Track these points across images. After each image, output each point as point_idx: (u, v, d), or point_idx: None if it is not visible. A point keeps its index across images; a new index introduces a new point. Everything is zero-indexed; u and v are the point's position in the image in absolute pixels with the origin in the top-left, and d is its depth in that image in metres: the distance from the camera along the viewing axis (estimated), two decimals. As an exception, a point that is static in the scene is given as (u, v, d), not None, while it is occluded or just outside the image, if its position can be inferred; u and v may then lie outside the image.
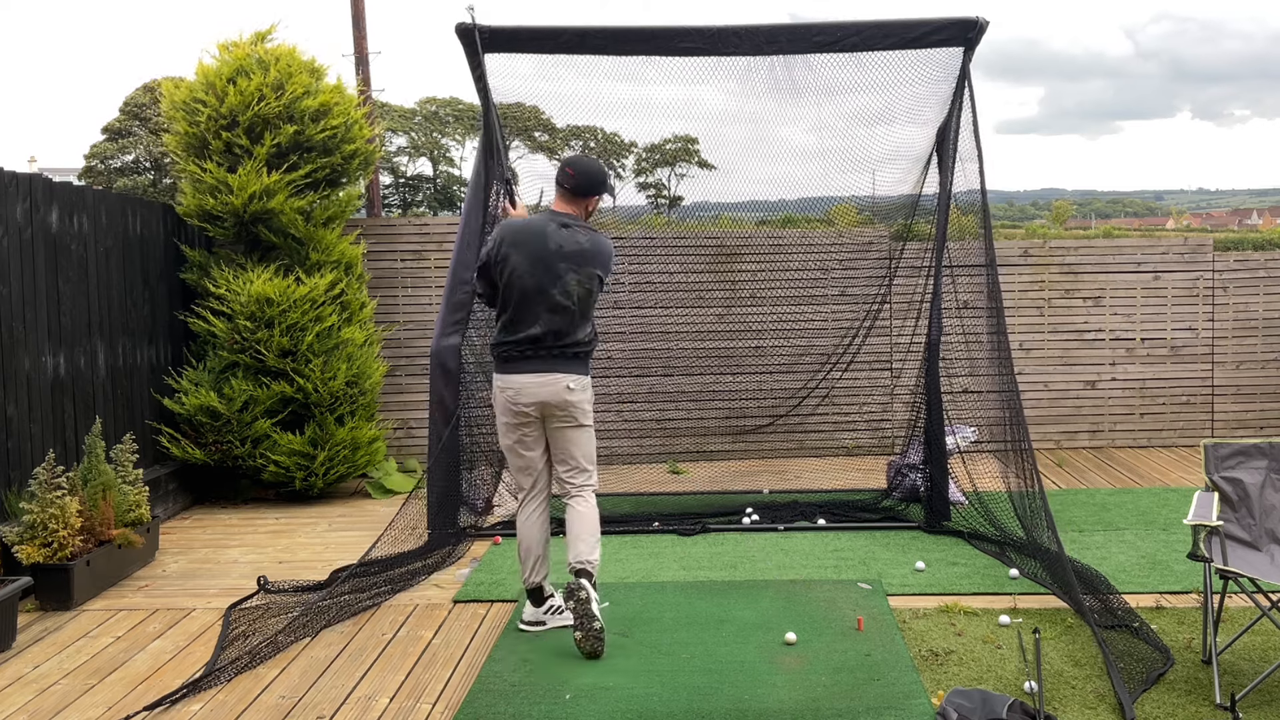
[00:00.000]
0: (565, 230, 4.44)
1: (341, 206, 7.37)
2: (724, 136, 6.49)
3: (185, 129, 6.94)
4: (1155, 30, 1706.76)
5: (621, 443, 8.11)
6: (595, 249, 4.47)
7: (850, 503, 6.57)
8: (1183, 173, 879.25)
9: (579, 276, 4.41)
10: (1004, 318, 5.90)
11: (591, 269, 4.44)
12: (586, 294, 4.45)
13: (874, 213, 7.78)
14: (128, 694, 4.02)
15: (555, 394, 4.41)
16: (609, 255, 4.54)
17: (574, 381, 4.44)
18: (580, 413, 4.48)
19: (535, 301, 4.38)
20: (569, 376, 4.43)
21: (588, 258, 4.44)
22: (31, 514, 4.94)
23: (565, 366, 4.43)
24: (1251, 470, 4.25)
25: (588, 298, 4.46)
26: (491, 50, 5.89)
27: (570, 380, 4.43)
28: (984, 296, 6.06)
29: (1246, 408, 8.56)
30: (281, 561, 5.77)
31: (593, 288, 4.46)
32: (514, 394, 4.43)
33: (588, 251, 4.44)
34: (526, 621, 4.57)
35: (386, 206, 47.10)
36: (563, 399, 4.42)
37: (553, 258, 4.39)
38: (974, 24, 5.73)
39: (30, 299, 5.46)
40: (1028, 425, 5.75)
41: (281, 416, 6.92)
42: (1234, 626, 4.27)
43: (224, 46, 7.11)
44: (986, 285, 5.97)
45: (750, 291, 8.18)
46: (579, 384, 4.46)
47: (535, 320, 4.38)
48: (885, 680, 3.94)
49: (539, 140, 38.89)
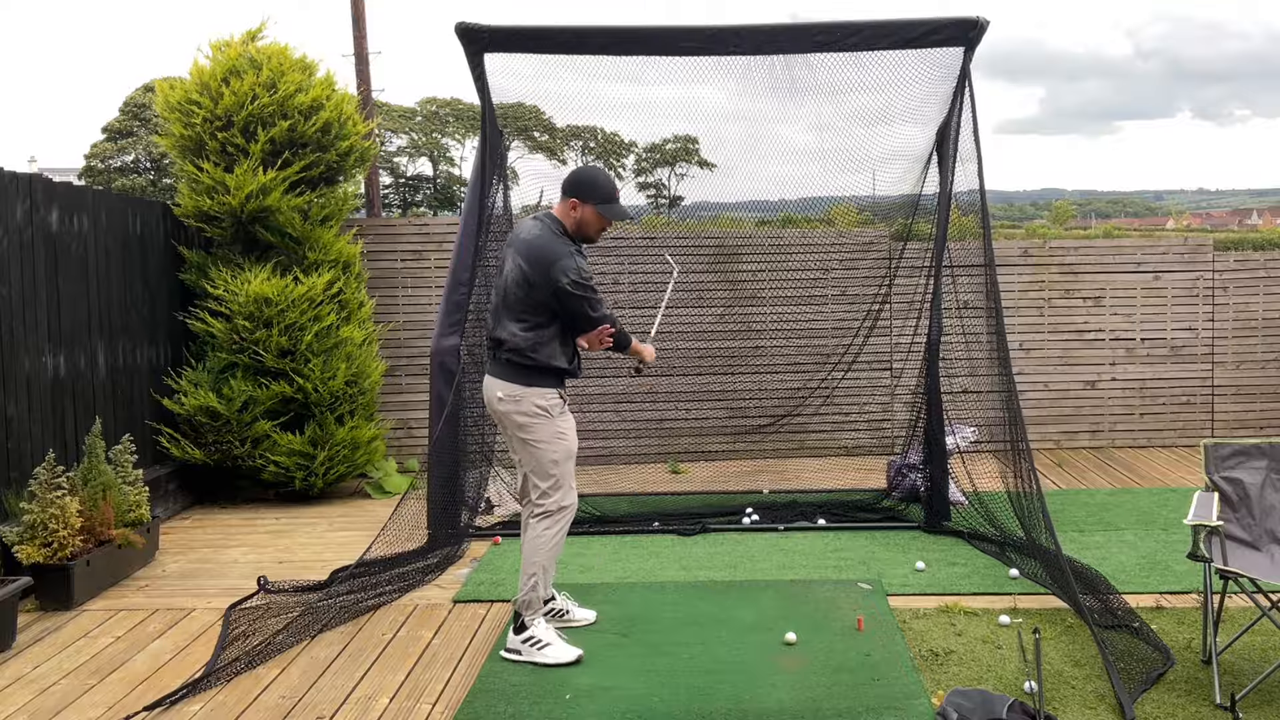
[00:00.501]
0: (533, 221, 4.29)
1: (339, 205, 7.36)
2: (724, 136, 6.49)
3: (181, 131, 6.94)
4: (1154, 30, 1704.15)
5: (621, 443, 8.11)
6: (537, 244, 4.15)
7: (850, 503, 6.57)
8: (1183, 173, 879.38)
9: (511, 264, 4.19)
10: (1003, 318, 5.89)
11: (521, 260, 4.15)
12: (513, 286, 4.15)
13: (874, 213, 7.78)
14: (128, 694, 4.02)
15: (490, 401, 4.28)
16: (548, 259, 4.10)
17: (503, 390, 4.20)
18: (514, 425, 4.22)
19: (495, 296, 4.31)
20: (499, 384, 4.21)
21: (529, 249, 4.15)
22: (31, 514, 4.94)
23: (498, 373, 4.23)
24: (1251, 470, 4.25)
25: (514, 291, 4.15)
26: (492, 50, 5.89)
27: (500, 389, 4.21)
28: (983, 296, 6.06)
29: (1246, 408, 8.56)
30: (281, 561, 5.77)
31: (518, 280, 4.14)
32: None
33: (530, 244, 4.16)
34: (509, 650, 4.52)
35: (386, 206, 47.10)
36: (494, 408, 4.26)
37: (511, 246, 4.26)
38: (974, 24, 5.72)
39: (30, 299, 5.46)
40: (1025, 426, 5.74)
41: (281, 416, 6.92)
42: (1234, 626, 4.27)
43: (216, 46, 7.11)
44: (985, 285, 5.97)
45: (750, 291, 8.18)
46: (509, 394, 4.19)
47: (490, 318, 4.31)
48: (885, 680, 3.94)
49: (539, 140, 38.88)
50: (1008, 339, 5.90)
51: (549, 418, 4.23)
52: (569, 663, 4.16)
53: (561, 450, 4.26)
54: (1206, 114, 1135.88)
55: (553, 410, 4.23)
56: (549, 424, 4.23)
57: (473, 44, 5.86)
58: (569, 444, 4.30)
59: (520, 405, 4.19)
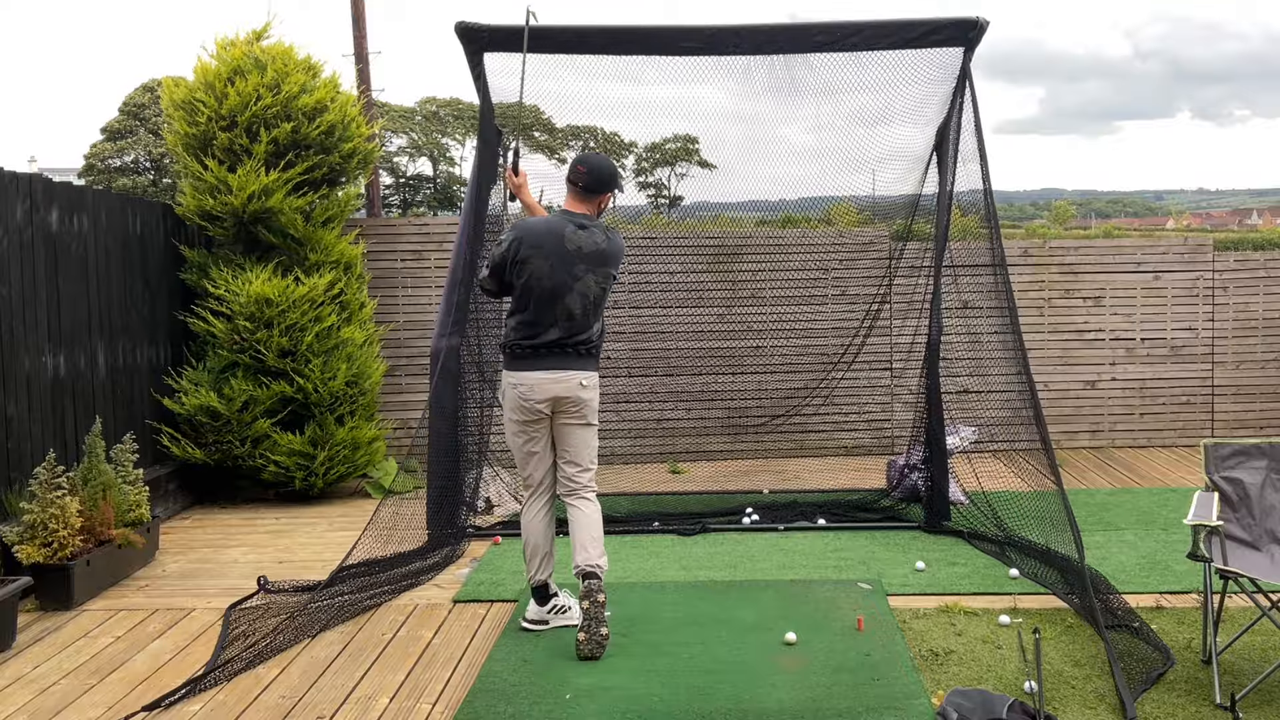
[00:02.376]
0: (583, 231, 4.42)
1: (341, 206, 7.37)
2: (724, 136, 6.50)
3: (185, 129, 6.94)
4: (1153, 31, 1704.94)
5: (621, 443, 8.11)
6: (612, 249, 4.50)
7: (850, 503, 6.56)
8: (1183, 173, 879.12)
9: (596, 277, 4.43)
10: (1017, 317, 5.83)
11: (608, 269, 4.48)
12: (602, 293, 4.49)
13: (874, 212, 7.78)
14: (128, 694, 4.02)
15: (569, 389, 4.42)
16: (622, 253, 4.59)
17: (587, 378, 4.47)
18: (590, 410, 4.50)
19: (554, 303, 4.38)
20: (582, 373, 4.45)
21: (605, 258, 4.46)
22: (31, 514, 4.94)
23: (579, 364, 4.46)
24: (1251, 470, 4.25)
25: (603, 297, 4.51)
26: (491, 50, 5.89)
27: (584, 377, 4.45)
28: (993, 296, 6.01)
29: (1246, 408, 8.56)
30: (281, 561, 5.77)
31: (608, 286, 4.51)
32: (526, 390, 4.41)
33: (605, 252, 4.46)
34: (529, 620, 4.56)
35: (386, 206, 47.09)
36: (576, 395, 4.44)
37: (571, 259, 4.38)
38: (974, 24, 5.72)
39: (30, 299, 5.46)
40: (1026, 425, 5.72)
41: (281, 416, 6.92)
42: (1234, 626, 4.27)
43: (221, 45, 7.11)
44: (996, 285, 5.92)
45: (750, 291, 8.19)
46: (591, 381, 4.49)
47: (554, 321, 4.39)
48: (885, 680, 3.94)
49: (539, 140, 38.87)
50: (1006, 339, 5.88)
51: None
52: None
53: None
54: (1206, 114, 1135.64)
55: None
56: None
57: (472, 43, 5.86)
58: None
59: (597, 390, 4.54)
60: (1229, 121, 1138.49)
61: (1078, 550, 4.80)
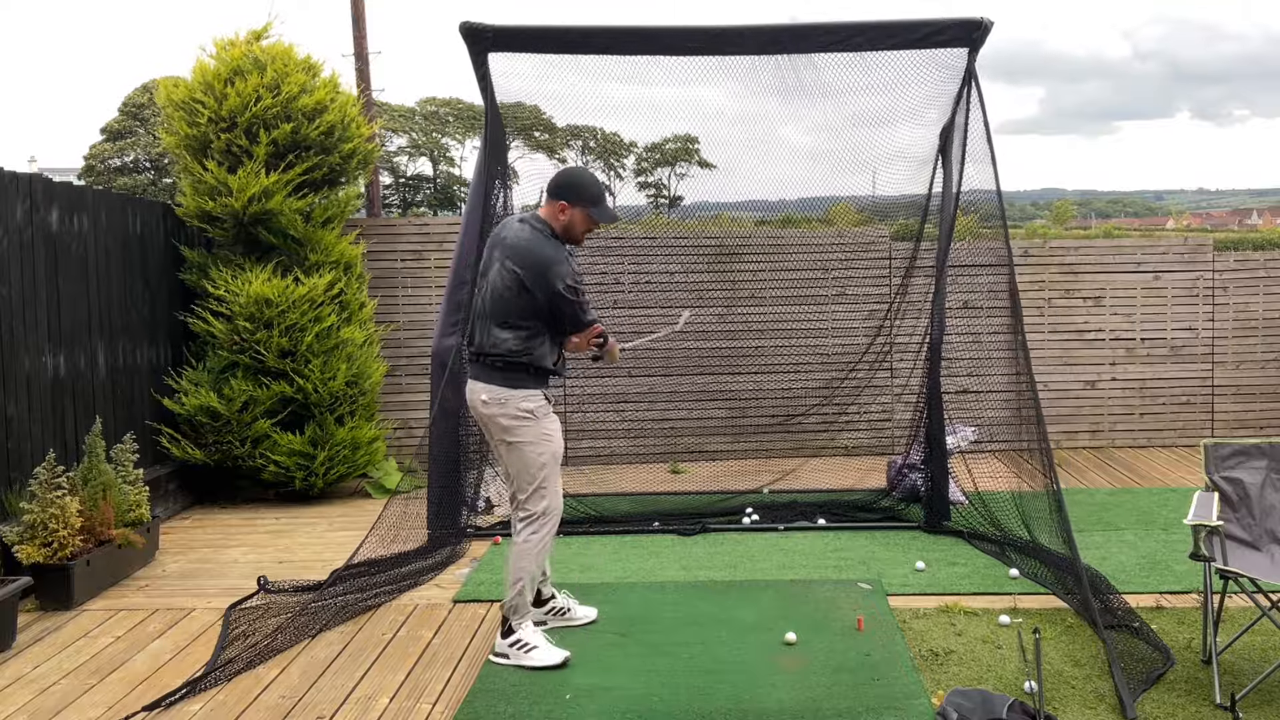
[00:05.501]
0: (519, 224, 4.20)
1: (341, 207, 7.37)
2: (725, 136, 6.49)
3: (185, 130, 6.94)
4: (1151, 32, 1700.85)
5: (621, 443, 8.11)
6: (528, 248, 4.07)
7: (850, 502, 6.57)
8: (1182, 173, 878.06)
9: (499, 272, 4.10)
10: (1021, 318, 5.83)
11: (513, 265, 4.05)
12: (503, 290, 4.07)
13: (875, 213, 7.78)
14: (128, 694, 4.02)
15: (473, 404, 4.22)
16: (544, 264, 4.04)
17: (488, 394, 4.13)
18: (499, 429, 4.15)
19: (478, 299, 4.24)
20: (483, 387, 4.15)
21: (517, 252, 4.07)
22: (32, 514, 4.94)
23: (483, 376, 4.16)
24: (1251, 470, 4.25)
25: (504, 295, 4.07)
26: (495, 50, 5.89)
27: (484, 392, 4.14)
28: (1000, 296, 6.01)
29: (1246, 408, 8.56)
30: (281, 561, 5.76)
31: (509, 288, 4.06)
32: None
33: (519, 247, 4.08)
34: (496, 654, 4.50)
35: (386, 206, 47.08)
36: (478, 410, 4.19)
37: (496, 250, 4.17)
38: (978, 24, 5.71)
39: (30, 299, 5.46)
40: (1027, 425, 5.73)
41: (281, 417, 6.92)
42: (1234, 626, 4.27)
43: (221, 45, 7.11)
44: (1004, 285, 5.92)
45: (750, 291, 8.19)
46: (495, 397, 4.12)
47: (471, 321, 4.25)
48: (885, 680, 3.94)
49: (539, 140, 38.89)
50: (1005, 339, 5.88)
51: (534, 420, 4.15)
52: (555, 665, 4.12)
53: (547, 453, 4.18)
54: (1205, 114, 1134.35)
55: (538, 412, 4.16)
56: (534, 426, 4.15)
57: (476, 43, 5.86)
58: (555, 446, 4.21)
59: (505, 408, 4.12)
60: (1228, 121, 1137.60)
61: (1071, 549, 4.81)
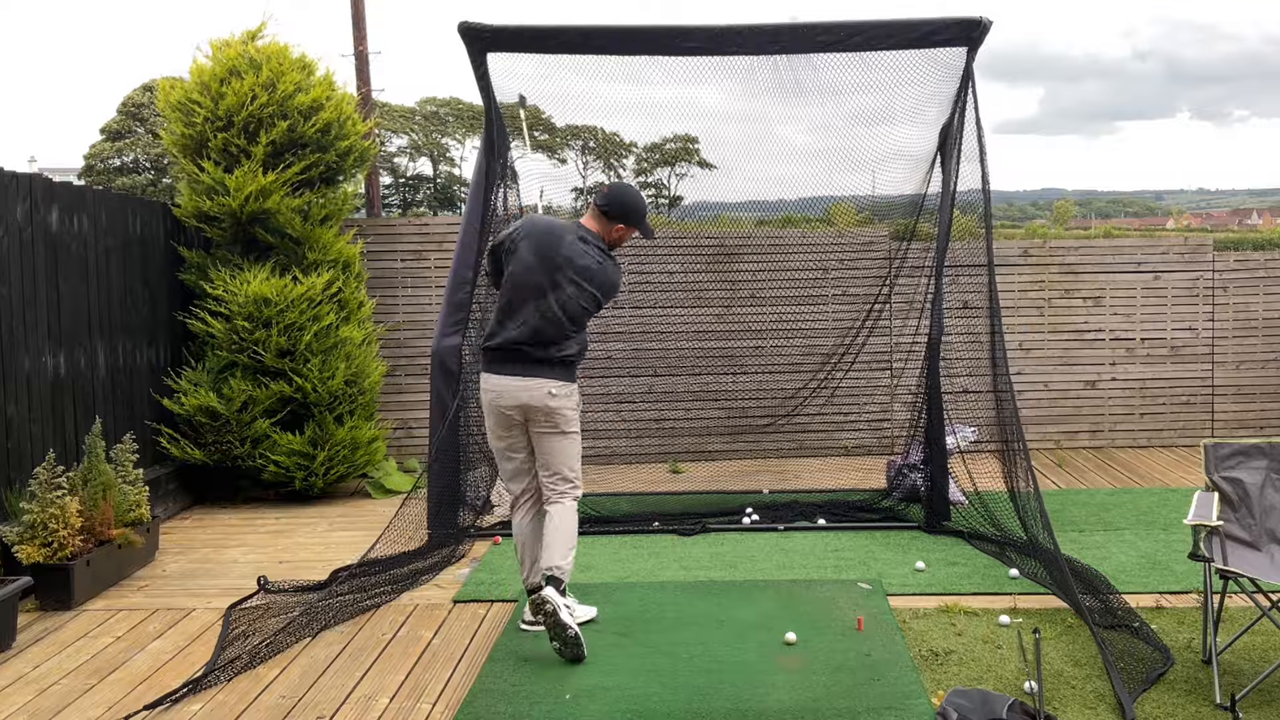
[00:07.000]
0: (582, 244, 4.40)
1: (338, 205, 7.36)
2: (724, 136, 6.50)
3: (182, 130, 6.94)
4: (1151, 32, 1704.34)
5: (621, 443, 8.11)
6: (603, 274, 4.42)
7: (850, 503, 6.57)
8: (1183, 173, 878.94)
9: (577, 291, 4.35)
10: (1000, 318, 5.88)
11: (592, 290, 4.39)
12: (580, 312, 4.39)
13: (874, 212, 7.78)
14: (128, 694, 4.02)
15: (537, 398, 4.35)
16: (613, 285, 4.48)
17: (556, 387, 4.36)
18: (563, 419, 4.40)
19: (529, 301, 4.34)
20: (551, 381, 4.36)
21: (592, 278, 4.38)
22: (32, 514, 4.94)
23: (548, 372, 4.36)
24: (1251, 470, 4.25)
25: (580, 316, 4.40)
26: (495, 50, 5.89)
27: (553, 385, 4.35)
28: (982, 296, 6.05)
29: (1246, 408, 8.56)
30: (281, 561, 5.76)
31: (588, 307, 4.40)
32: (495, 396, 4.40)
33: (594, 272, 4.38)
34: (528, 621, 4.56)
35: (386, 206, 47.08)
36: (545, 404, 4.35)
37: (560, 264, 4.35)
38: (977, 24, 5.71)
39: (30, 299, 5.46)
40: (1023, 425, 5.74)
41: (280, 416, 6.92)
42: (1234, 626, 4.27)
43: (216, 46, 7.11)
44: (987, 285, 5.95)
45: (750, 291, 8.18)
46: (561, 389, 4.38)
47: (525, 320, 4.34)
48: (885, 680, 3.94)
49: (539, 139, 38.91)
50: (1006, 339, 5.90)
51: (579, 411, 4.52)
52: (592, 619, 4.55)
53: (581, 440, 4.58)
54: (1205, 114, 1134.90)
55: (580, 405, 4.55)
56: (579, 417, 4.52)
57: (476, 44, 5.85)
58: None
59: (571, 399, 4.43)
60: (1228, 122, 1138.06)
61: (1053, 545, 4.83)
